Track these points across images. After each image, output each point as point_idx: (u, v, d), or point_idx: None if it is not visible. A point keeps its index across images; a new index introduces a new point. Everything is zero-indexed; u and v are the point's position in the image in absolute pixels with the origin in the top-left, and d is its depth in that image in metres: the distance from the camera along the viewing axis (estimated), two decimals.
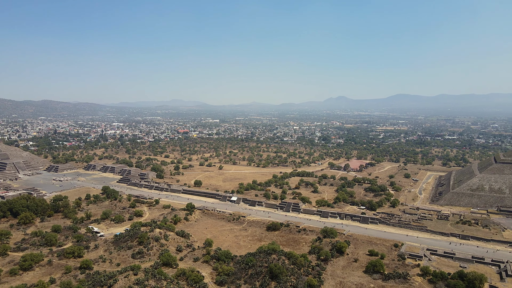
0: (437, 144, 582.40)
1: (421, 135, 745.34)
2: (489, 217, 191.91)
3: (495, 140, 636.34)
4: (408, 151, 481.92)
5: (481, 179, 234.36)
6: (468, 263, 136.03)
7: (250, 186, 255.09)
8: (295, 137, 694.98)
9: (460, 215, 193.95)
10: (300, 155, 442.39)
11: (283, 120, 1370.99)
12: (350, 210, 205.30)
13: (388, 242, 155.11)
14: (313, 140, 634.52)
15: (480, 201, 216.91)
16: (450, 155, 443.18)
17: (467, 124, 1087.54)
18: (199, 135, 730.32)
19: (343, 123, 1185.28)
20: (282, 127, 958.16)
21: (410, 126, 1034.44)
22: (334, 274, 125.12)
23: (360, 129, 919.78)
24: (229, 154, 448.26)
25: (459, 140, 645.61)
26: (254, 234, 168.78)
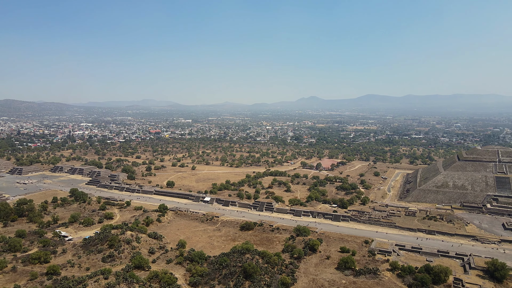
0: (405, 143, 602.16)
1: (389, 134, 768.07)
2: (453, 212, 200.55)
3: (458, 139, 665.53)
4: (378, 150, 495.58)
5: (446, 176, 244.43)
6: (434, 257, 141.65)
7: (223, 186, 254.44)
8: (268, 137, 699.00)
9: (426, 211, 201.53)
10: (273, 154, 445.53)
11: (256, 120, 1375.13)
12: (322, 208, 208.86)
13: (359, 239, 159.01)
14: (285, 140, 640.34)
15: (444, 197, 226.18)
16: (417, 153, 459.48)
17: (432, 123, 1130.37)
18: (172, 136, 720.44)
19: (315, 122, 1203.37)
20: (255, 127, 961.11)
21: (379, 125, 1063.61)
22: (307, 272, 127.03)
23: (331, 128, 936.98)
24: (202, 154, 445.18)
25: (425, 139, 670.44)
26: (227, 234, 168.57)
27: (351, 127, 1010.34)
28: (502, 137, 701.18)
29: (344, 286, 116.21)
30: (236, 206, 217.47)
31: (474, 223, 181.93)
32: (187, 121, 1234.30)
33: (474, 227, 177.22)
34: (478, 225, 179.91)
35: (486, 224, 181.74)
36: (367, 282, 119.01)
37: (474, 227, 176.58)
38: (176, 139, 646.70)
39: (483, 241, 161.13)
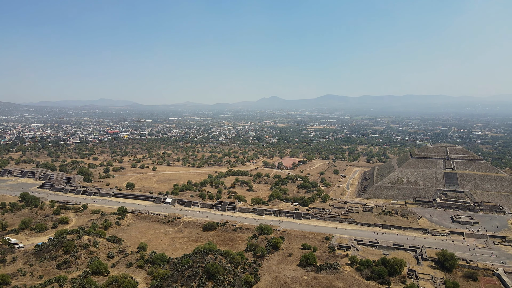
0: (362, 141, 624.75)
1: (348, 133, 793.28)
2: (407, 207, 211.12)
3: (411, 137, 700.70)
4: (337, 148, 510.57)
5: (400, 173, 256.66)
6: (390, 250, 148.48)
7: (185, 187, 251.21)
8: (230, 137, 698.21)
9: (382, 206, 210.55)
10: (235, 154, 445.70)
11: (217, 120, 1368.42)
12: (284, 207, 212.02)
13: (319, 236, 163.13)
14: (247, 140, 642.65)
15: (399, 193, 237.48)
16: (373, 151, 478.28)
17: (387, 123, 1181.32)
18: (131, 136, 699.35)
19: (276, 122, 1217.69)
20: (216, 127, 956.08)
21: (338, 125, 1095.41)
22: (270, 270, 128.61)
23: (292, 128, 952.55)
24: (163, 155, 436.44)
25: (380, 137, 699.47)
26: (190, 235, 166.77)
27: (311, 126, 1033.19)
28: (450, 135, 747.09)
29: (306, 282, 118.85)
30: (199, 207, 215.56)
31: (425, 217, 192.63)
32: (147, 121, 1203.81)
33: (426, 220, 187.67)
34: (429, 218, 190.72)
35: (437, 217, 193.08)
36: (327, 277, 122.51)
37: (426, 221, 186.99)
38: (135, 139, 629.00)
39: (434, 233, 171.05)
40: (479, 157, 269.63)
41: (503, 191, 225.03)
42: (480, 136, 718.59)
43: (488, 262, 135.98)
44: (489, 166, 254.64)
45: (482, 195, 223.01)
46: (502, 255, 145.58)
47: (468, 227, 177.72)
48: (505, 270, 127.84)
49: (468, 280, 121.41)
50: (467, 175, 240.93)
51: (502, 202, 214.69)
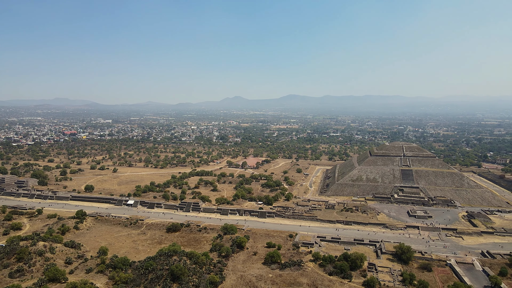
0: (324, 140, 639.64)
1: (310, 133, 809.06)
2: (367, 203, 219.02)
3: (370, 136, 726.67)
4: (300, 148, 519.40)
5: (360, 170, 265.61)
6: (351, 245, 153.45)
7: (148, 188, 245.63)
8: (193, 137, 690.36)
9: (344, 203, 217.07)
10: (199, 154, 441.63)
11: (180, 120, 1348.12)
12: (248, 206, 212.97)
13: (284, 234, 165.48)
14: (211, 140, 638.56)
15: (359, 190, 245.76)
16: (334, 150, 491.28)
17: (347, 122, 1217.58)
18: (90, 137, 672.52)
19: (239, 122, 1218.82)
20: (179, 127, 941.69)
21: (300, 124, 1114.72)
22: (235, 269, 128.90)
23: (256, 128, 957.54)
24: (124, 156, 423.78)
25: (341, 136, 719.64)
26: (153, 237, 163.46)
27: (274, 126, 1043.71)
28: (405, 134, 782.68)
29: (270, 279, 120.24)
30: (162, 208, 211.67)
31: (384, 212, 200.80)
32: (106, 121, 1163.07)
33: (385, 215, 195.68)
34: (388, 213, 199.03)
35: (394, 212, 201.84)
36: (292, 274, 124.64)
37: (385, 216, 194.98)
38: (95, 140, 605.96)
39: (392, 228, 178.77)
40: (432, 155, 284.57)
41: (453, 186, 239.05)
42: (433, 135, 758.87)
43: (441, 253, 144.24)
44: (441, 163, 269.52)
45: (435, 190, 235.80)
46: (454, 246, 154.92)
47: (423, 221, 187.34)
48: (457, 260, 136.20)
49: (423, 271, 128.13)
50: (421, 172, 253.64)
51: (453, 196, 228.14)
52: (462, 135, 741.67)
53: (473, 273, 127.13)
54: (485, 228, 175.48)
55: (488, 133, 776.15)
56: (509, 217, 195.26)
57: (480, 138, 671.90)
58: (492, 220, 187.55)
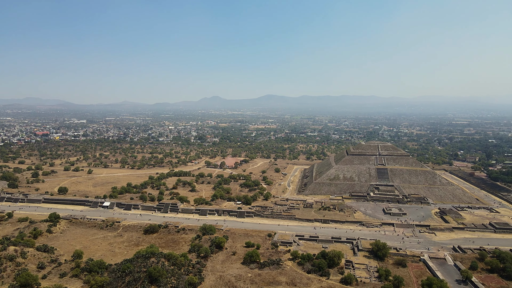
0: (302, 140, 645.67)
1: (288, 132, 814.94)
2: (344, 202, 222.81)
3: (347, 136, 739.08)
4: (278, 147, 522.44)
5: (337, 169, 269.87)
6: (329, 244, 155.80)
7: (124, 190, 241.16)
8: (171, 137, 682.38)
9: (321, 202, 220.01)
10: (177, 155, 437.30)
11: (158, 120, 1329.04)
12: (227, 206, 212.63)
13: (263, 233, 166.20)
14: (189, 140, 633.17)
15: (336, 189, 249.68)
16: (312, 150, 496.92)
17: (325, 122, 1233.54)
18: (63, 138, 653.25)
19: (218, 122, 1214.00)
20: (157, 127, 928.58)
21: (278, 124, 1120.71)
22: (214, 269, 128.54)
23: (234, 128, 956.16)
24: (100, 157, 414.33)
25: (319, 136, 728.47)
26: (130, 239, 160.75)
27: (252, 126, 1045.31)
28: (381, 133, 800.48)
29: (250, 279, 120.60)
30: (139, 209, 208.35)
31: (360, 210, 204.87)
32: (81, 122, 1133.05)
33: (361, 213, 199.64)
34: (364, 211, 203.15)
35: (370, 210, 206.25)
36: (271, 273, 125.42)
37: (361, 214, 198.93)
38: (68, 141, 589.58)
39: (368, 225, 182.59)
40: (406, 153, 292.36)
41: (426, 184, 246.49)
42: (407, 134, 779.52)
43: (415, 249, 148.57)
44: (415, 161, 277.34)
45: (409, 188, 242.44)
46: (427, 242, 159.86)
47: (398, 218, 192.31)
48: (430, 255, 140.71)
49: (398, 267, 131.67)
50: (396, 170, 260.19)
51: (426, 194, 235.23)
52: (434, 134, 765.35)
53: (445, 267, 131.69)
54: (456, 224, 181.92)
55: (458, 133, 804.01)
56: (478, 213, 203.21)
57: (451, 137, 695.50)
58: (462, 216, 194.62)
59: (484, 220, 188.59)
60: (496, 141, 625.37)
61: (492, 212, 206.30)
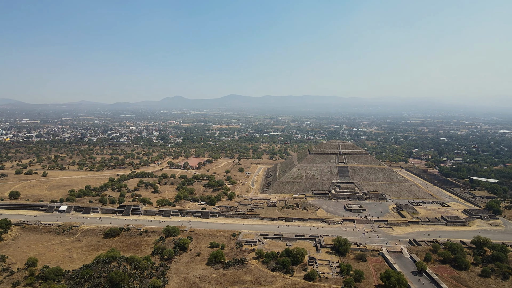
0: (265, 140, 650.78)
1: (251, 132, 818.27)
2: (307, 200, 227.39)
3: (309, 135, 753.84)
4: (241, 147, 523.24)
5: (300, 168, 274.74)
6: (292, 241, 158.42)
7: (83, 192, 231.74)
8: (132, 138, 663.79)
9: (285, 201, 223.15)
10: (138, 155, 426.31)
11: (118, 120, 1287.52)
12: (191, 206, 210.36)
13: (227, 233, 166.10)
14: (151, 140, 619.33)
15: (299, 187, 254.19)
16: (275, 149, 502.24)
17: (287, 122, 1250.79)
18: (14, 139, 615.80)
19: (181, 122, 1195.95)
20: (117, 128, 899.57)
21: (242, 124, 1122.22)
22: (178, 271, 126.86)
23: (197, 128, 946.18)
24: (55, 159, 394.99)
25: (282, 135, 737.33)
26: (90, 244, 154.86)
27: (216, 126, 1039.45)
28: (341, 132, 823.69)
29: (214, 279, 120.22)
30: (99, 213, 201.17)
31: (323, 208, 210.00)
32: (34, 122, 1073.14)
33: (323, 211, 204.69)
34: (326, 209, 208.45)
35: (332, 207, 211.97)
36: (236, 272, 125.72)
37: (323, 211, 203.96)
38: (20, 142, 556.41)
39: (330, 222, 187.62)
40: (365, 152, 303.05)
41: (384, 181, 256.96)
42: (366, 133, 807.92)
43: (375, 244, 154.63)
44: (373, 159, 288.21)
45: (369, 185, 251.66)
46: (385, 236, 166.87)
47: (358, 214, 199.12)
48: (388, 249, 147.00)
49: (358, 262, 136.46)
50: (356, 168, 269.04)
51: (384, 190, 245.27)
52: (391, 133, 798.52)
53: (402, 260, 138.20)
54: (412, 218, 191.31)
55: (413, 131, 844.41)
56: (431, 208, 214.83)
57: (407, 136, 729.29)
58: (417, 211, 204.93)
59: (436, 214, 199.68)
60: (447, 139, 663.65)
61: (444, 206, 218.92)
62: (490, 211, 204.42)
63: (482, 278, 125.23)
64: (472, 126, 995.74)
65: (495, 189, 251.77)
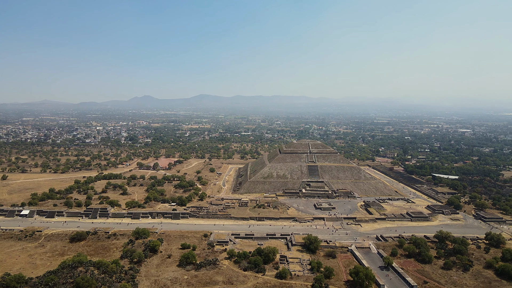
0: (236, 140, 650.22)
1: (222, 132, 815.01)
2: (278, 199, 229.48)
3: (279, 135, 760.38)
4: (212, 147, 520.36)
5: (271, 168, 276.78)
6: (264, 240, 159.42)
7: (46, 196, 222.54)
8: (99, 138, 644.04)
9: (256, 200, 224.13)
10: (106, 157, 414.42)
11: (84, 120, 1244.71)
12: (161, 208, 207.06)
13: (198, 234, 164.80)
14: (119, 141, 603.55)
15: (270, 187, 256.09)
16: (246, 149, 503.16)
17: (258, 121, 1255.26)
18: None
19: (150, 122, 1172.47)
20: (83, 128, 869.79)
21: (212, 124, 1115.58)
22: (149, 274, 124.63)
23: (167, 128, 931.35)
24: (16, 161, 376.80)
25: (252, 135, 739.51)
26: (54, 249, 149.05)
27: (186, 126, 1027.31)
28: (311, 132, 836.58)
29: (186, 281, 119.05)
30: (64, 216, 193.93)
31: (293, 207, 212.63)
32: None
33: (294, 210, 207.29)
34: (297, 207, 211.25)
35: (302, 206, 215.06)
36: (207, 273, 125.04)
37: (294, 210, 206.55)
38: None
39: (301, 220, 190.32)
40: (334, 151, 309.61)
41: (353, 179, 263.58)
42: (335, 132, 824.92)
43: (344, 241, 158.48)
44: (342, 158, 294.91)
45: (338, 183, 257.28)
46: (354, 233, 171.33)
47: (329, 212, 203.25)
48: (356, 245, 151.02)
49: (328, 258, 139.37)
50: (325, 167, 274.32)
51: (353, 188, 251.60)
52: (359, 133, 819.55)
53: (370, 256, 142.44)
54: (379, 215, 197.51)
55: (379, 131, 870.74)
56: (397, 204, 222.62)
57: (374, 135, 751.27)
58: (384, 207, 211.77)
59: (402, 210, 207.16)
60: (411, 138, 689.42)
61: (409, 203, 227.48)
62: (451, 206, 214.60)
63: (445, 270, 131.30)
64: (435, 126, 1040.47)
65: (455, 185, 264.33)
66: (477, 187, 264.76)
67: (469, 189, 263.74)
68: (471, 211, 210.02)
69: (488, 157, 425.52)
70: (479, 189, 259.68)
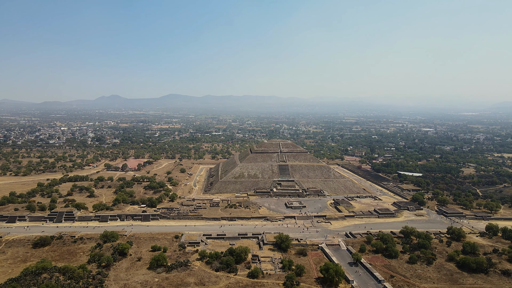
0: (207, 140, 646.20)
1: (193, 132, 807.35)
2: (249, 199, 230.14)
3: (250, 134, 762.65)
4: (183, 147, 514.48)
5: (242, 167, 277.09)
6: (236, 240, 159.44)
7: (6, 200, 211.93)
8: (64, 139, 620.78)
9: (227, 200, 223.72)
10: (71, 158, 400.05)
11: (47, 120, 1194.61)
12: (131, 210, 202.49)
13: (169, 235, 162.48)
14: (85, 142, 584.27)
15: (242, 186, 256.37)
16: (217, 149, 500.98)
17: (229, 121, 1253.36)
18: None
19: (118, 122, 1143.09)
20: (46, 128, 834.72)
21: (183, 124, 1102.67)
22: (118, 278, 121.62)
23: (136, 128, 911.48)
24: None
25: (223, 135, 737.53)
26: (16, 256, 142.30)
27: (156, 126, 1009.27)
28: (281, 131, 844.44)
29: (157, 284, 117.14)
30: (26, 221, 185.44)
31: (265, 206, 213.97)
32: None
33: (265, 209, 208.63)
34: (268, 207, 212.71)
35: (274, 205, 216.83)
36: (179, 275, 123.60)
37: (265, 209, 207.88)
38: None
39: (272, 220, 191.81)
40: (304, 150, 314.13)
41: (322, 178, 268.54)
42: (305, 132, 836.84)
43: (314, 239, 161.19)
44: (312, 157, 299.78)
45: (308, 182, 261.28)
46: (324, 231, 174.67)
47: (300, 210, 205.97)
48: (326, 243, 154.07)
49: (300, 256, 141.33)
50: (296, 166, 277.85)
51: (323, 187, 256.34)
52: (328, 132, 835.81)
53: (340, 252, 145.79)
54: (348, 212, 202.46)
55: (348, 130, 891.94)
56: (365, 201, 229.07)
57: (342, 134, 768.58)
58: (353, 205, 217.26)
59: (370, 207, 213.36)
60: (378, 137, 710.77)
61: (376, 200, 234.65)
62: (416, 202, 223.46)
63: (410, 264, 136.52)
64: (400, 125, 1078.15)
65: (419, 182, 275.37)
66: (439, 184, 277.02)
67: (432, 185, 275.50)
68: (434, 207, 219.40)
69: (449, 155, 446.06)
70: (441, 185, 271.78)
